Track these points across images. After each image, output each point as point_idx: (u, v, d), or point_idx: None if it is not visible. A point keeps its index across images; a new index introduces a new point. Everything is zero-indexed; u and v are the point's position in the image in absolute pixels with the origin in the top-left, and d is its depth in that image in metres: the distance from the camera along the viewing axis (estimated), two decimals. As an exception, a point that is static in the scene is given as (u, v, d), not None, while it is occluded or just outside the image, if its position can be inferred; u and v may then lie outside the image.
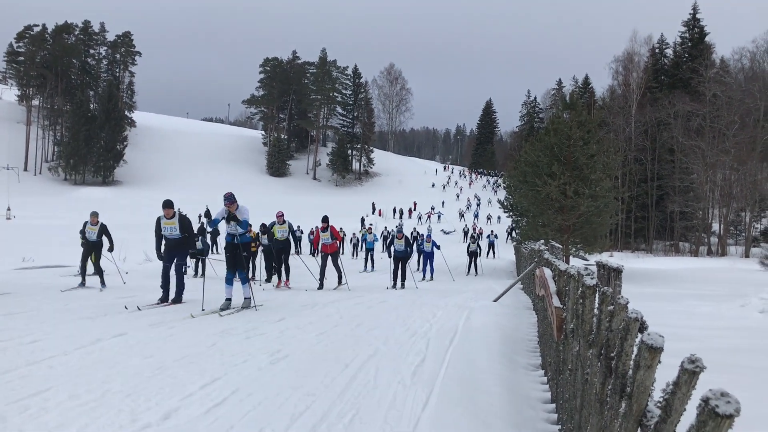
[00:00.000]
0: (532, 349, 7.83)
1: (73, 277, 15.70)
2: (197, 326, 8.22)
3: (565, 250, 25.57)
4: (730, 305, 11.93)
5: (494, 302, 12.31)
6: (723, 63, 60.47)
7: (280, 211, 16.51)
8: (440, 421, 4.39)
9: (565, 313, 4.26)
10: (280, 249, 16.28)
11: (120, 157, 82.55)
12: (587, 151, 25.29)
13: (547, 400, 5.27)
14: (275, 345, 6.94)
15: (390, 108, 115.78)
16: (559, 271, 5.00)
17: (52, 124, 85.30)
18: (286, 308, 10.44)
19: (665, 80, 62.67)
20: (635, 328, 2.29)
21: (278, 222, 16.30)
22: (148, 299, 10.83)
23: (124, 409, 4.41)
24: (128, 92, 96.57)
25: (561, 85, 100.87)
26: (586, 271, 3.38)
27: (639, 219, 56.16)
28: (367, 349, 6.88)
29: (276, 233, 16.25)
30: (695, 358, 1.70)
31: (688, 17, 63.63)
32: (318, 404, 4.69)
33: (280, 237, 16.24)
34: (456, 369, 5.99)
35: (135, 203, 59.87)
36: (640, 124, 56.47)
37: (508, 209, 32.48)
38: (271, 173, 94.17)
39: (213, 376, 5.42)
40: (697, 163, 50.13)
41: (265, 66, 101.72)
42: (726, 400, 1.47)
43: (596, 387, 2.76)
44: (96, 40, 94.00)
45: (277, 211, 16.50)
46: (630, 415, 2.14)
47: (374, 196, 77.21)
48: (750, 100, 50.15)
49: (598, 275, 4.03)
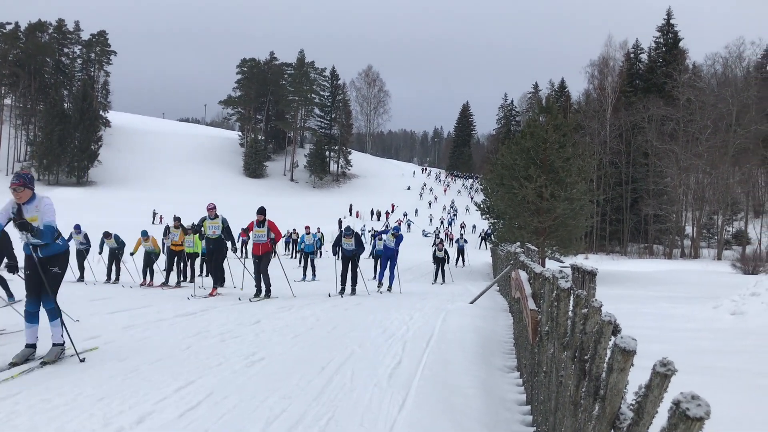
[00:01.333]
0: (508, 351, 7.86)
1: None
2: (171, 329, 8.14)
3: (541, 252, 25.74)
4: (703, 307, 12.07)
5: (471, 304, 12.34)
6: (696, 68, 61.41)
7: (212, 203, 13.85)
8: (416, 423, 4.39)
9: (540, 315, 4.29)
10: (211, 249, 13.86)
11: (94, 157, 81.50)
12: (563, 154, 25.51)
13: (523, 402, 5.30)
14: (251, 348, 6.90)
15: (368, 110, 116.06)
16: (535, 274, 5.03)
17: (24, 124, 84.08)
18: (262, 311, 10.38)
19: (640, 84, 63.52)
20: (609, 330, 2.31)
21: (209, 216, 13.60)
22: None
23: (96, 413, 4.34)
24: (103, 92, 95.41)
25: (537, 89, 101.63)
26: (560, 274, 3.40)
27: (614, 222, 56.76)
28: (344, 351, 6.86)
29: (206, 230, 13.69)
30: (667, 361, 1.72)
31: (662, 23, 64.58)
32: (294, 407, 4.66)
33: (211, 234, 13.65)
34: (432, 371, 5.99)
35: (110, 204, 59.23)
36: (615, 127, 57.12)
37: (485, 212, 32.60)
38: (247, 174, 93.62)
39: (188, 379, 5.37)
40: (670, 167, 50.80)
41: (242, 66, 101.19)
42: (697, 403, 1.49)
43: (570, 389, 2.78)
44: (70, 39, 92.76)
45: (208, 203, 13.83)
46: (603, 417, 2.15)
47: (352, 198, 77.24)
48: (722, 105, 50.94)
49: (572, 278, 4.06)
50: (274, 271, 13.83)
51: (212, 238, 13.66)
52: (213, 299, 12.49)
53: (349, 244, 15.24)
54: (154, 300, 11.87)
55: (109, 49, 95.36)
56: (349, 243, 15.23)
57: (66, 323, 6.36)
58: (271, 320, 9.19)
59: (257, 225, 13.23)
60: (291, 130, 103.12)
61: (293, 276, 18.50)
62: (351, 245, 15.23)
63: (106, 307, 10.23)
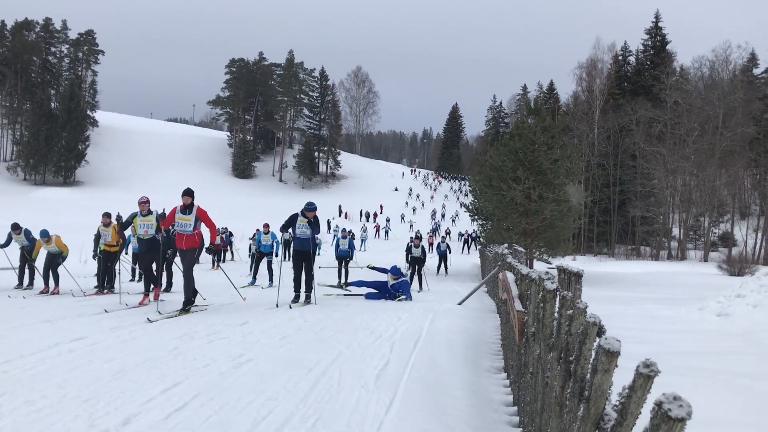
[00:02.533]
0: (495, 352, 7.88)
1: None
2: (158, 330, 8.10)
3: (529, 253, 25.84)
4: (689, 309, 12.17)
5: (459, 305, 12.36)
6: (683, 71, 61.87)
7: (144, 197, 12.00)
8: (403, 424, 4.39)
9: (526, 316, 4.30)
10: (143, 251, 11.93)
11: (81, 157, 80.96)
12: (551, 156, 25.62)
13: (510, 402, 5.31)
14: (238, 349, 6.88)
15: (357, 111, 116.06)
16: (521, 275, 5.05)
17: (11, 123, 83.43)
18: (250, 312, 10.35)
19: (628, 87, 63.97)
20: (593, 332, 2.32)
21: (141, 212, 11.70)
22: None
23: (82, 414, 4.32)
24: (91, 91, 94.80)
25: (526, 91, 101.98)
26: (547, 276, 3.41)
27: (601, 223, 57.09)
28: (331, 353, 6.86)
29: (137, 228, 11.78)
30: (650, 362, 1.73)
31: (650, 25, 65.06)
32: (280, 408, 4.65)
33: (143, 234, 11.56)
34: (420, 372, 6.00)
35: (97, 204, 58.85)
36: (603, 129, 57.47)
37: (473, 213, 32.67)
38: (236, 175, 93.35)
39: (174, 380, 5.35)
40: (658, 169, 51.16)
41: (231, 67, 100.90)
42: (678, 404, 1.50)
43: (556, 390, 2.79)
44: (58, 38, 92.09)
45: (140, 197, 11.99)
46: (588, 418, 2.16)
47: (341, 199, 77.11)
48: (709, 108, 51.36)
49: (559, 279, 4.08)
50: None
51: (144, 238, 11.68)
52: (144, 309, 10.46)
53: (304, 234, 13.17)
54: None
55: (97, 49, 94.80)
56: (305, 233, 12.97)
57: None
58: (259, 321, 9.16)
59: (181, 211, 10.57)
60: (280, 131, 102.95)
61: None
62: (306, 236, 13.00)
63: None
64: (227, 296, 12.72)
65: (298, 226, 11.89)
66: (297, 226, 11.89)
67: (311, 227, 11.83)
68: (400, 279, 14.60)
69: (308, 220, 11.79)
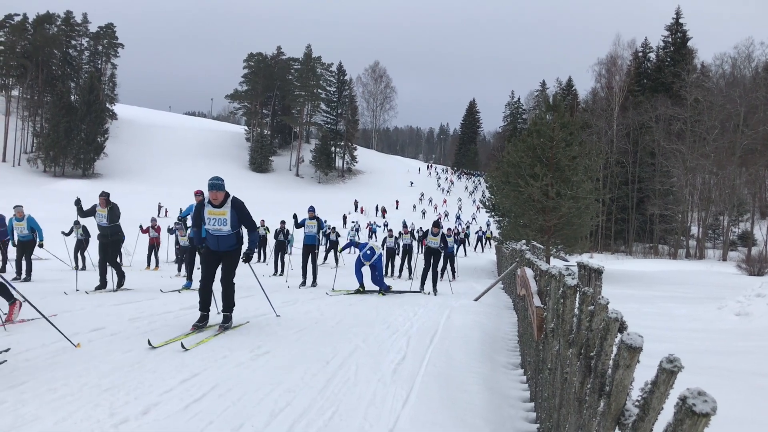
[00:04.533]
0: (511, 348, 7.87)
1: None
2: (177, 321, 8.16)
3: (546, 250, 25.70)
4: (707, 308, 12.07)
5: (475, 302, 12.36)
6: (704, 68, 61.22)
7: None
8: (420, 418, 4.40)
9: (545, 312, 4.29)
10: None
11: (100, 149, 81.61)
12: (569, 152, 25.43)
13: (526, 398, 5.30)
14: (255, 341, 6.92)
15: (374, 106, 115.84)
16: (541, 271, 5.03)
17: (31, 115, 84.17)
18: (267, 305, 10.39)
19: (648, 84, 63.33)
20: (615, 328, 2.32)
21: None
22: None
23: (102, 403, 4.37)
24: (110, 84, 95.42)
25: (545, 87, 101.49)
26: (567, 272, 3.40)
27: (619, 221, 56.69)
28: (348, 346, 6.88)
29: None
30: (674, 357, 1.72)
31: (671, 21, 64.34)
32: (298, 400, 4.68)
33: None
34: (436, 367, 6.01)
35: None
36: (623, 126, 57.00)
37: (489, 209, 32.55)
38: (253, 169, 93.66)
39: (193, 371, 5.40)
40: (677, 167, 50.67)
41: (249, 61, 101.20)
42: (703, 399, 1.50)
43: (575, 386, 2.78)
44: (78, 31, 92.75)
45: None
46: (608, 413, 2.16)
47: (357, 194, 77.16)
48: (730, 106, 50.75)
49: (578, 276, 4.06)
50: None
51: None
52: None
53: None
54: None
55: (117, 42, 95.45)
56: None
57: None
58: (276, 314, 9.21)
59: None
60: (297, 125, 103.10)
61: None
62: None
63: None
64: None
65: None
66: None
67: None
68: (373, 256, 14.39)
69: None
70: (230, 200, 7.63)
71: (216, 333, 7.27)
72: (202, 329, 7.45)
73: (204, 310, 7.65)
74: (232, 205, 7.61)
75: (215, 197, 7.54)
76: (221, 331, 7.42)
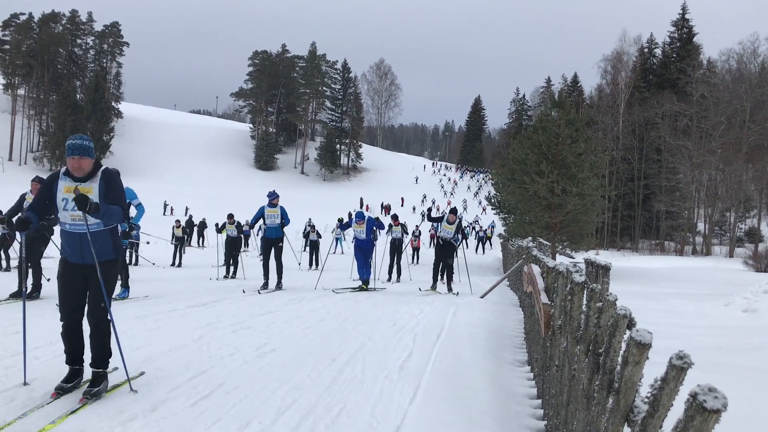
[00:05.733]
0: (518, 345, 7.86)
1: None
2: (183, 319, 8.19)
3: (552, 247, 25.67)
4: (714, 304, 12.03)
5: (481, 299, 12.36)
6: (710, 64, 60.97)
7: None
8: (427, 415, 4.40)
9: (552, 309, 4.28)
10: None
11: (106, 148, 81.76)
12: (575, 149, 25.38)
13: (533, 395, 5.30)
14: (262, 338, 6.93)
15: (379, 103, 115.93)
16: (548, 268, 5.02)
17: (37, 114, 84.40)
18: (273, 302, 10.42)
19: (653, 80, 63.13)
20: (624, 324, 2.31)
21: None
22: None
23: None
24: (115, 83, 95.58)
25: (550, 84, 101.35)
26: (574, 268, 3.39)
27: (625, 218, 56.58)
28: (354, 343, 6.89)
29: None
30: (683, 354, 1.72)
31: (677, 17, 64.11)
32: (305, 398, 4.69)
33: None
34: (443, 364, 6.00)
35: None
36: (628, 123, 56.87)
37: (495, 206, 32.54)
38: (258, 167, 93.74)
39: (200, 368, 5.41)
40: (683, 163, 50.52)
41: (254, 59, 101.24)
42: (714, 395, 1.49)
43: (583, 383, 2.77)
44: (83, 30, 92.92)
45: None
46: (617, 410, 2.15)
47: (362, 191, 77.17)
48: (736, 102, 50.58)
49: (586, 272, 4.06)
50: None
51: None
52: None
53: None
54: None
55: (122, 41, 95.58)
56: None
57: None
58: (282, 312, 9.23)
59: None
60: (302, 123, 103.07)
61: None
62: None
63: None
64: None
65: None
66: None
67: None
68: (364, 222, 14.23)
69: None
70: (101, 171, 4.80)
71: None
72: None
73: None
74: (103, 177, 4.78)
75: (77, 166, 4.65)
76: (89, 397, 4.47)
